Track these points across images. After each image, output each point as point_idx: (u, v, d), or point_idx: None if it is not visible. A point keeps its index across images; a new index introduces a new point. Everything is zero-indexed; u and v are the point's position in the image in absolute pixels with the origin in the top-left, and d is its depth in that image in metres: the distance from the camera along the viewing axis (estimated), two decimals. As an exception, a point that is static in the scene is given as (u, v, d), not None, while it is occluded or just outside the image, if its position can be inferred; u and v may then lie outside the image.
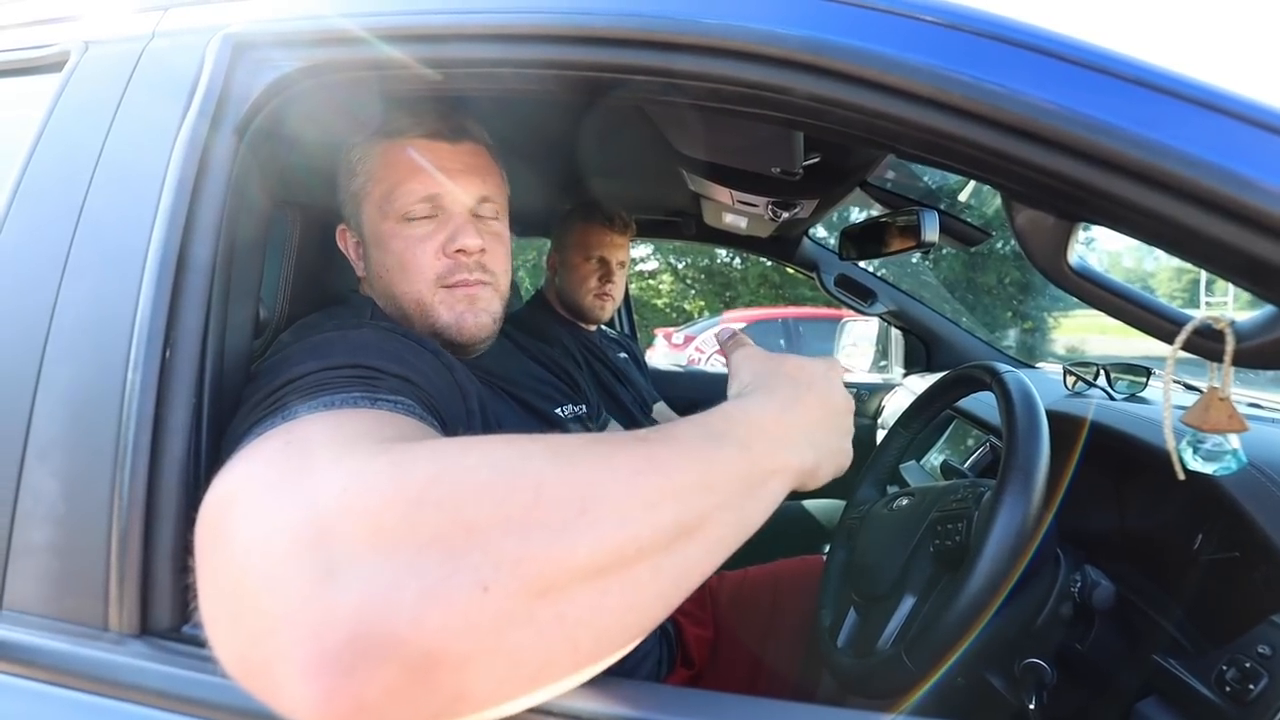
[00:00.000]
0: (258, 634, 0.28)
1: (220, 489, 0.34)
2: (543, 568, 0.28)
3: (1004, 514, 0.56)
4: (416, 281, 0.66)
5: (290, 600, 0.27)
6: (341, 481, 0.30)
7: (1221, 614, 0.67)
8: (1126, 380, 1.08)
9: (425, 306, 0.67)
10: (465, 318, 0.67)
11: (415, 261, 0.66)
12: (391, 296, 0.68)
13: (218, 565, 0.31)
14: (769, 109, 0.47)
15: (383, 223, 0.67)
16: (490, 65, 0.51)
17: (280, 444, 0.36)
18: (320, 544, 0.28)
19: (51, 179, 0.53)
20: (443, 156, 0.67)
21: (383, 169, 0.67)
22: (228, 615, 0.30)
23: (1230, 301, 0.62)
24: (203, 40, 0.54)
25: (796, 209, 1.16)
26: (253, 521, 0.30)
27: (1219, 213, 0.36)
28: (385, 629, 0.25)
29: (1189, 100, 0.37)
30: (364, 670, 0.25)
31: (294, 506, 0.30)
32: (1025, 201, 0.46)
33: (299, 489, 0.31)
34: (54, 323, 0.48)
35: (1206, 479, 0.64)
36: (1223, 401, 0.46)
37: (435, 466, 0.31)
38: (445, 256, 0.66)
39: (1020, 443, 0.59)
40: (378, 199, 0.67)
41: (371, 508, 0.29)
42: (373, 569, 0.27)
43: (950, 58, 0.40)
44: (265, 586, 0.28)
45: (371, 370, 0.49)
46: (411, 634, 0.25)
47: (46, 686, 0.43)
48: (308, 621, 0.26)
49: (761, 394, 0.43)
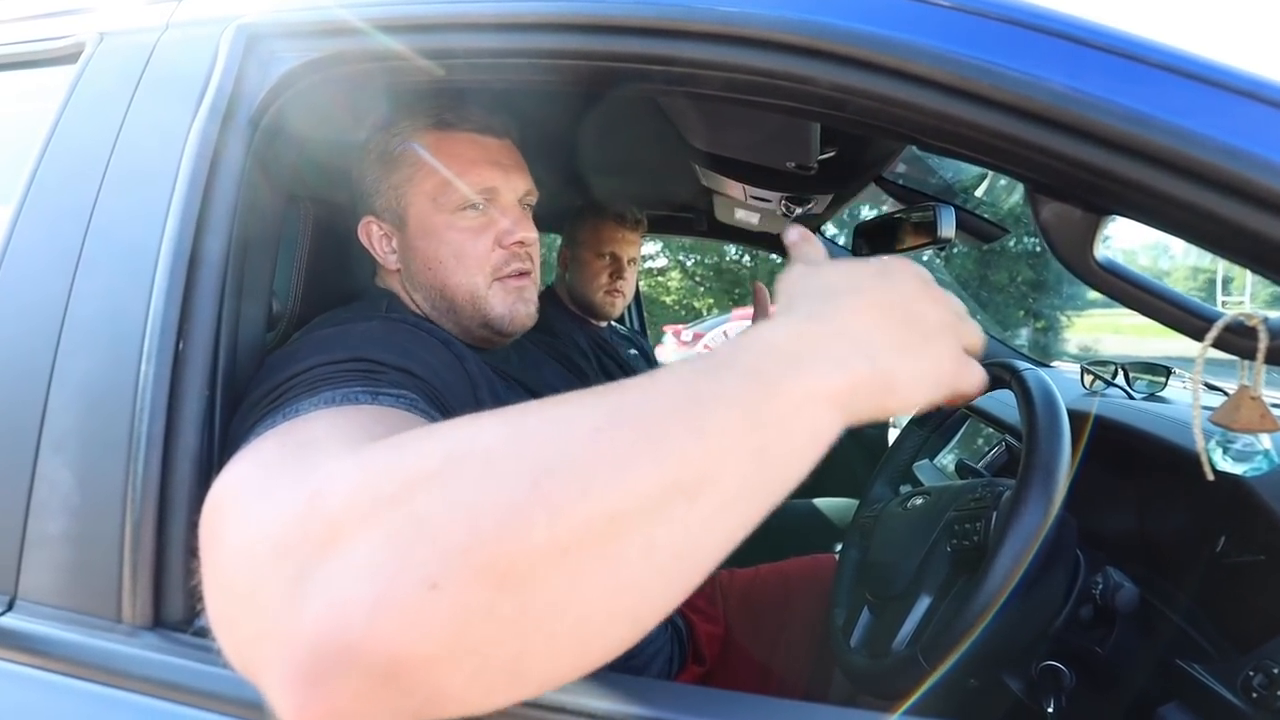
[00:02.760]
0: (246, 640, 0.28)
1: (218, 490, 0.34)
2: (494, 554, 0.25)
3: (1025, 514, 0.55)
4: (474, 273, 0.67)
5: (265, 610, 0.27)
6: (313, 485, 0.29)
7: (1246, 618, 0.65)
8: (1146, 379, 1.06)
9: (479, 299, 0.68)
10: (517, 308, 0.69)
11: (473, 252, 0.67)
12: (440, 288, 0.68)
13: (214, 567, 0.31)
14: (787, 99, 0.46)
15: (436, 214, 0.67)
16: (501, 55, 0.51)
17: (275, 444, 0.36)
18: (291, 551, 0.27)
19: (66, 171, 0.53)
20: (494, 151, 0.69)
21: (436, 158, 0.67)
22: (226, 618, 0.30)
23: (1247, 300, 0.61)
24: (216, 31, 0.54)
25: (810, 204, 1.15)
26: (240, 526, 0.31)
27: (1256, 203, 0.35)
28: (343, 639, 0.25)
29: (1225, 88, 0.36)
30: (331, 681, 0.25)
31: (275, 511, 0.30)
32: (1051, 194, 0.45)
33: (282, 492, 0.31)
34: (68, 314, 0.48)
35: (1231, 480, 0.62)
36: (1254, 400, 0.45)
37: (394, 458, 0.29)
38: (501, 248, 0.68)
39: (1042, 441, 0.58)
40: (430, 190, 0.67)
41: (334, 510, 0.28)
42: (331, 575, 0.26)
43: (975, 45, 0.39)
44: (249, 593, 0.28)
45: (374, 364, 0.48)
46: (368, 642, 0.25)
47: (60, 678, 0.43)
48: (279, 633, 0.26)
49: (785, 311, 0.34)
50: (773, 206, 1.20)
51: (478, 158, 0.67)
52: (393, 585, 0.25)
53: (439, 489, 0.27)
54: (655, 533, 0.25)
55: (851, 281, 0.34)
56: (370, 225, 0.71)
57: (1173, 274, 24.30)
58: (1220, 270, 3.32)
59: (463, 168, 0.67)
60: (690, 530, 0.26)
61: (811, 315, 0.32)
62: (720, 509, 0.27)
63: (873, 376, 0.30)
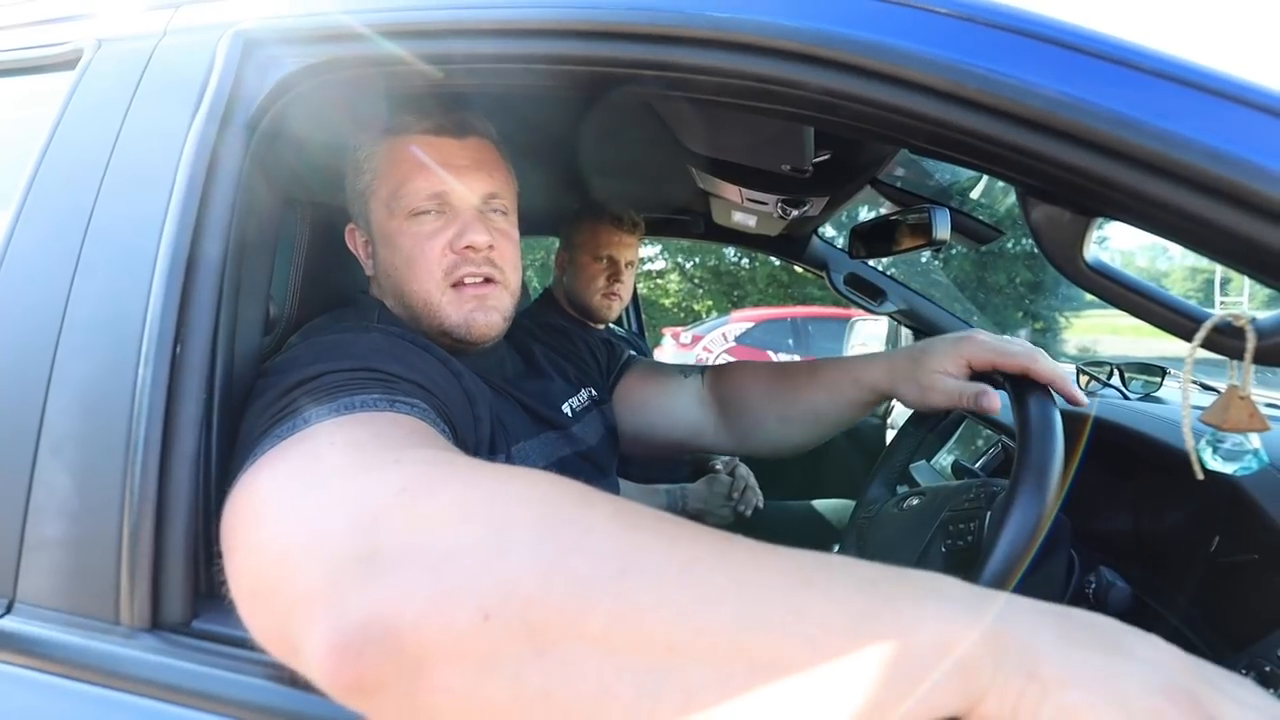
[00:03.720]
0: (292, 604, 0.30)
1: (266, 477, 0.37)
2: (548, 618, 0.25)
3: (1017, 514, 0.55)
4: (425, 280, 0.65)
5: (325, 578, 0.29)
6: (400, 483, 0.32)
7: (1239, 617, 0.66)
8: (1141, 380, 1.07)
9: (433, 306, 0.66)
10: (475, 316, 0.66)
11: (423, 258, 0.65)
12: (400, 295, 0.68)
13: (260, 542, 0.34)
14: (779, 104, 0.47)
15: (390, 220, 0.66)
16: (498, 60, 0.51)
17: (325, 440, 0.39)
18: (367, 533, 0.30)
19: (64, 177, 0.53)
20: (448, 153, 0.66)
21: (388, 166, 0.66)
22: (268, 585, 0.32)
23: (1245, 301, 0.61)
24: (214, 37, 0.54)
25: (806, 207, 1.15)
26: (301, 506, 0.34)
27: (1245, 208, 0.35)
28: (392, 625, 0.27)
29: (1213, 93, 0.36)
30: (367, 656, 0.27)
31: (347, 496, 0.33)
32: (1041, 197, 0.46)
33: (351, 481, 0.34)
34: (67, 318, 0.48)
35: (1225, 480, 0.63)
36: (1243, 400, 0.45)
37: (496, 486, 0.31)
38: (452, 252, 0.65)
39: (1034, 442, 0.58)
40: (384, 196, 0.66)
41: (425, 512, 0.30)
42: (404, 564, 0.28)
43: (966, 50, 0.39)
44: (307, 562, 0.30)
45: (386, 375, 0.49)
46: (410, 636, 0.26)
47: (58, 680, 0.43)
48: (336, 599, 0.28)
49: (1057, 628, 0.26)
50: (769, 209, 1.20)
51: (432, 161, 0.65)
52: (452, 596, 0.27)
53: (531, 532, 0.28)
54: (701, 685, 0.24)
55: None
56: (354, 232, 0.72)
57: (1171, 275, 24.33)
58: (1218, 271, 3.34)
59: (408, 173, 0.65)
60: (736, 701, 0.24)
61: (1073, 646, 0.24)
62: (781, 695, 0.24)
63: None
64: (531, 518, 0.29)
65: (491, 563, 0.27)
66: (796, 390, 0.82)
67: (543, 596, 0.26)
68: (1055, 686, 0.23)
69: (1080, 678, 0.23)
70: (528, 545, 0.27)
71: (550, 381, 0.83)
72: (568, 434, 0.78)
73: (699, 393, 0.90)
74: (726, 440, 0.89)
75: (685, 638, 0.24)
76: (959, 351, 0.69)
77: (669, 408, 0.90)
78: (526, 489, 0.31)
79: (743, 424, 0.87)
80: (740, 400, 0.87)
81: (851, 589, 0.26)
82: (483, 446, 0.60)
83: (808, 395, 0.81)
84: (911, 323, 1.86)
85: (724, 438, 0.89)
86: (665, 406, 0.91)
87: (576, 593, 0.26)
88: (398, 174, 0.66)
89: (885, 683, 0.23)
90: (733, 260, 12.13)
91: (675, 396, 0.91)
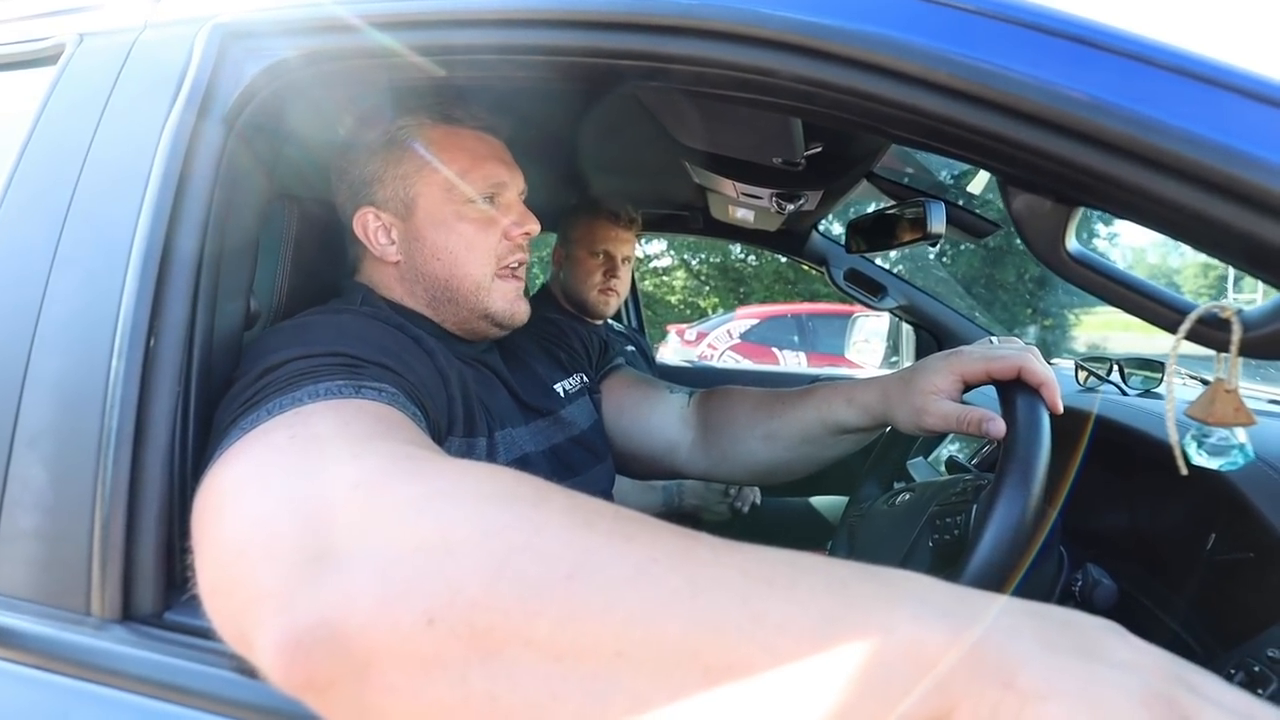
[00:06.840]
0: (252, 599, 0.30)
1: (229, 471, 0.37)
2: (493, 623, 0.25)
3: (1002, 507, 0.54)
4: (481, 264, 0.69)
5: (277, 578, 0.29)
6: (355, 478, 0.32)
7: (1232, 616, 0.65)
8: (1141, 376, 1.05)
9: (483, 290, 0.69)
10: (517, 304, 0.71)
11: (482, 244, 0.69)
12: (445, 278, 0.68)
13: (219, 539, 0.34)
14: (756, 93, 0.46)
15: (447, 205, 0.68)
16: (479, 51, 0.51)
17: (286, 433, 0.39)
18: (319, 532, 0.30)
19: (44, 172, 0.53)
20: (497, 148, 0.71)
21: (447, 152, 0.68)
22: (226, 583, 0.33)
23: (1260, 297, 0.60)
24: (193, 30, 0.54)
25: (801, 201, 1.14)
26: (258, 503, 0.34)
27: (1221, 193, 0.34)
28: (341, 626, 0.27)
29: (1188, 75, 0.36)
30: (316, 654, 0.27)
31: (301, 494, 0.33)
32: (1021, 186, 0.45)
33: (307, 478, 0.34)
34: (43, 312, 0.48)
35: (1221, 479, 0.61)
36: (1229, 393, 0.44)
37: (450, 482, 0.31)
38: (507, 239, 0.70)
39: (1020, 435, 0.58)
40: (442, 182, 0.68)
41: (378, 510, 0.30)
42: (354, 565, 0.28)
43: (938, 35, 0.38)
44: (261, 561, 0.31)
45: (352, 359, 0.49)
46: (357, 637, 0.27)
47: (28, 670, 0.43)
48: (287, 597, 0.29)
49: (1035, 631, 0.24)
50: (764, 203, 1.20)
51: (487, 154, 0.69)
52: (398, 600, 0.27)
53: (480, 531, 0.28)
54: (652, 692, 0.23)
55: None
56: (367, 215, 0.70)
57: (1183, 271, 24.00)
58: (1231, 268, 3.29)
59: (474, 162, 0.68)
60: (687, 708, 0.23)
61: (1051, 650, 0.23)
62: (736, 702, 0.22)
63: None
64: (482, 516, 0.29)
65: (438, 564, 0.27)
66: (785, 408, 0.80)
67: (488, 600, 0.25)
68: (1032, 697, 0.21)
69: (1058, 687, 0.22)
70: (476, 545, 0.27)
71: (542, 367, 0.84)
72: (558, 419, 0.78)
73: (682, 411, 0.87)
74: (702, 461, 0.86)
75: (634, 642, 0.24)
76: (950, 367, 0.67)
77: (648, 418, 0.88)
78: (482, 484, 0.31)
79: (723, 442, 0.83)
80: (724, 418, 0.84)
81: (819, 590, 0.24)
82: (457, 427, 0.61)
83: (797, 414, 0.79)
84: (912, 318, 1.85)
85: (699, 458, 0.86)
86: (644, 416, 0.88)
87: (522, 595, 0.25)
88: (461, 161, 0.68)
89: (849, 691, 0.22)
90: (738, 257, 12.09)
91: (656, 408, 0.88)
